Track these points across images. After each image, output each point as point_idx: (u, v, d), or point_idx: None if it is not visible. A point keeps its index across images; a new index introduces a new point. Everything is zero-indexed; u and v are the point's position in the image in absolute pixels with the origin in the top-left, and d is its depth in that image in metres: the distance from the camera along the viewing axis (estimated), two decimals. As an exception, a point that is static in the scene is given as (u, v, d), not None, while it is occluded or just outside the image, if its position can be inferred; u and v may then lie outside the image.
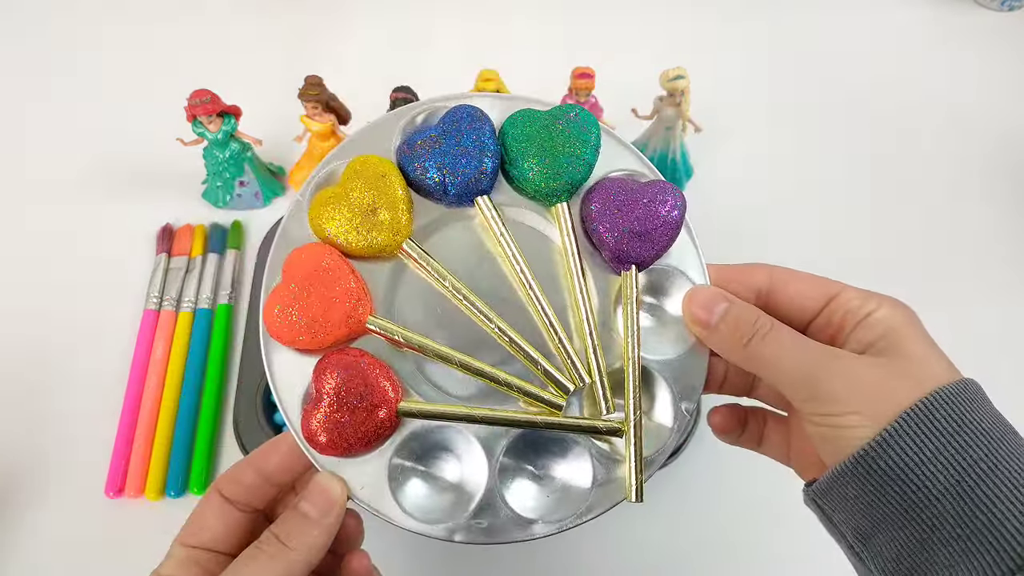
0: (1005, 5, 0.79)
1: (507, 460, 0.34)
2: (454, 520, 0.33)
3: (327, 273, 0.33)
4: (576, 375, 0.34)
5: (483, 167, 0.35)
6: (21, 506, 0.51)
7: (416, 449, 0.34)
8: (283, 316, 0.33)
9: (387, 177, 0.35)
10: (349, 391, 0.32)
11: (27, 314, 0.60)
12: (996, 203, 0.67)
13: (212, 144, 0.60)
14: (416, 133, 0.36)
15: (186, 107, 0.57)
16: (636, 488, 0.34)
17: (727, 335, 0.33)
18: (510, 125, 0.36)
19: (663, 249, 0.36)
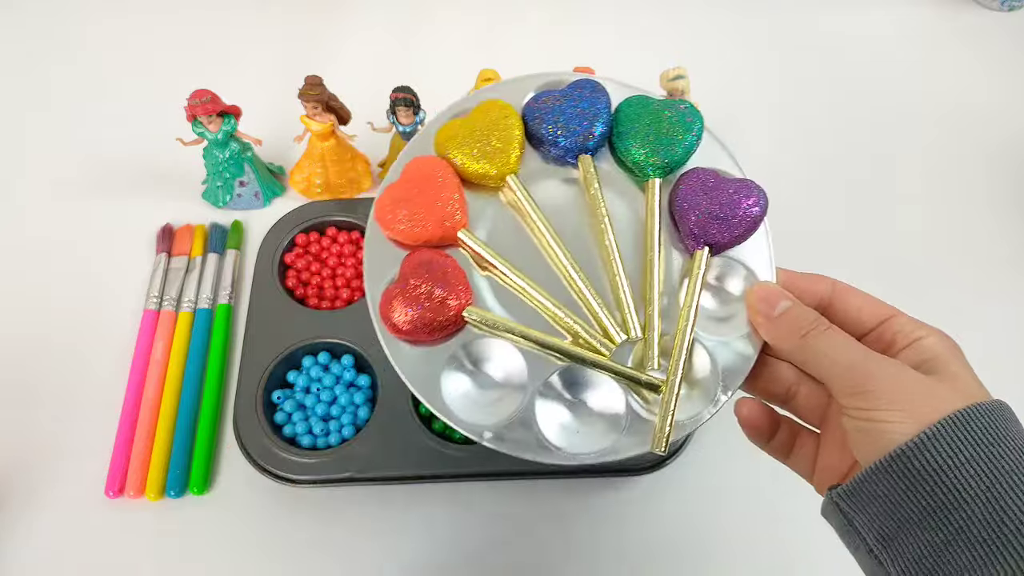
0: (1005, 5, 0.79)
1: (548, 389, 0.36)
2: (487, 422, 0.36)
3: (438, 181, 0.38)
4: (632, 329, 0.37)
5: (593, 130, 0.40)
6: (21, 506, 0.52)
7: (470, 354, 0.37)
8: (391, 205, 0.38)
9: (509, 119, 0.40)
10: (429, 278, 0.36)
11: (27, 314, 0.60)
12: (998, 203, 0.67)
13: (212, 144, 0.60)
14: (544, 92, 0.41)
15: (186, 107, 0.57)
16: (663, 439, 0.35)
17: (786, 327, 0.35)
18: (625, 104, 0.41)
19: (739, 239, 0.38)
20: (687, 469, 0.53)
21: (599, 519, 0.52)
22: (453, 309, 0.36)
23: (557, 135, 0.40)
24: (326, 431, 0.53)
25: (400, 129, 0.59)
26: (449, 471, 0.51)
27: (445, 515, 0.52)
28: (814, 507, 0.52)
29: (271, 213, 0.63)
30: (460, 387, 0.37)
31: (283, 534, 0.51)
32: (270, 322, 0.57)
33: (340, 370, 0.55)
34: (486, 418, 0.36)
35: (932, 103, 0.73)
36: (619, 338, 0.37)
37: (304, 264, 0.60)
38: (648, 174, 0.40)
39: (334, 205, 0.63)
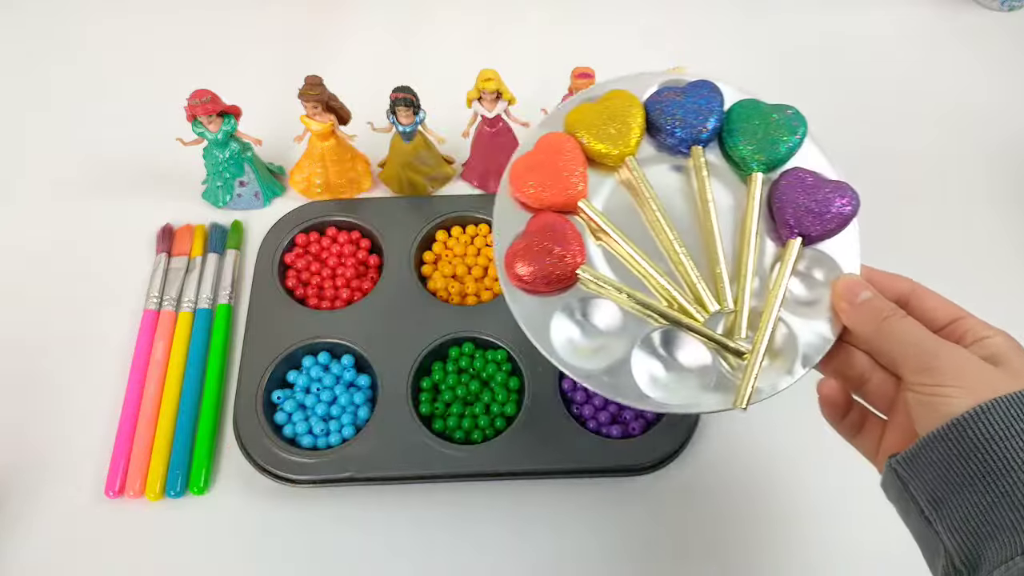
0: (1005, 5, 0.79)
1: (646, 345, 0.41)
2: (591, 369, 0.40)
3: (566, 154, 0.43)
4: (725, 301, 0.41)
5: (707, 124, 0.44)
6: (21, 505, 0.52)
7: (579, 307, 0.42)
8: (524, 172, 0.43)
9: (633, 108, 0.45)
10: (551, 237, 0.41)
11: (28, 314, 0.60)
12: (998, 203, 0.67)
13: (212, 144, 0.60)
14: (667, 87, 0.46)
15: (186, 107, 0.57)
16: (745, 397, 0.39)
17: (866, 313, 0.39)
18: (738, 106, 0.46)
19: (830, 233, 0.42)
20: (687, 469, 0.53)
21: (599, 519, 0.52)
22: (569, 266, 0.41)
23: (675, 126, 0.44)
24: (326, 431, 0.53)
25: (400, 129, 0.59)
26: (449, 471, 0.51)
27: (445, 515, 0.52)
28: (813, 507, 0.52)
29: (271, 213, 0.63)
30: (566, 334, 0.41)
31: (283, 534, 0.51)
32: (270, 322, 0.57)
33: (340, 370, 0.55)
34: (585, 363, 0.41)
35: (932, 103, 0.73)
36: (712, 308, 0.41)
37: (304, 264, 0.60)
38: (752, 168, 0.44)
39: (334, 205, 0.63)
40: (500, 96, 0.58)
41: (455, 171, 0.67)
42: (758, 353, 0.40)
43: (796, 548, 0.51)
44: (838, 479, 0.54)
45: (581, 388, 0.54)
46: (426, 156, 0.62)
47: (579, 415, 0.53)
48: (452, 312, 0.57)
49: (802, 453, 0.54)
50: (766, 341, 0.40)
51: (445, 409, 0.54)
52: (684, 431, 0.52)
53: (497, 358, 0.55)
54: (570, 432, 0.52)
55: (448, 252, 0.61)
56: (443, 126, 0.61)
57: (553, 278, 0.41)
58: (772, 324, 0.41)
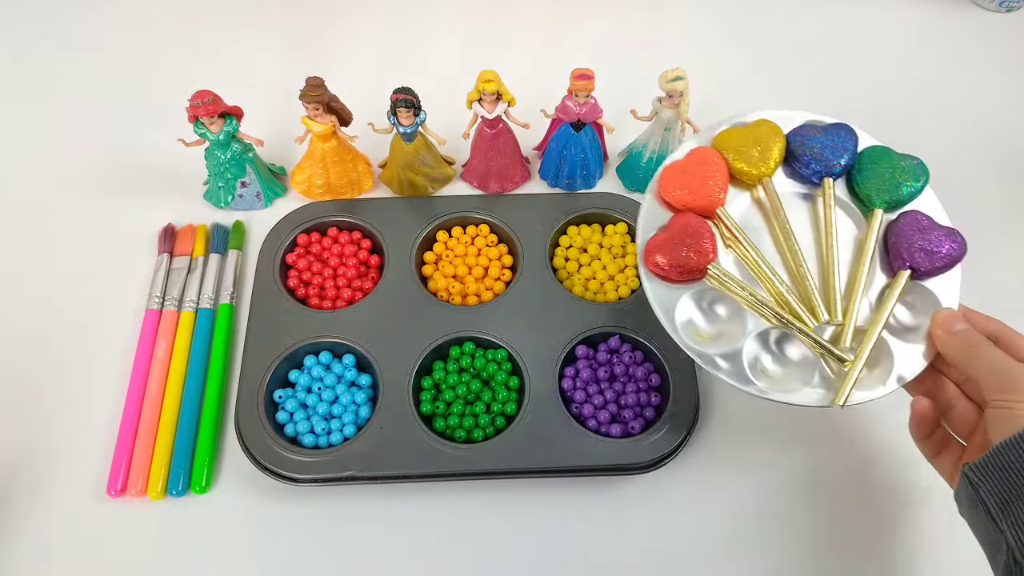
0: (1003, 6, 0.80)
1: (760, 339, 0.48)
2: (704, 351, 0.47)
3: (712, 167, 0.51)
4: (835, 314, 0.47)
5: (840, 160, 0.51)
6: (24, 505, 0.52)
7: (707, 298, 0.49)
8: (674, 176, 0.51)
9: (776, 136, 0.52)
10: (689, 234, 0.48)
11: (29, 313, 0.60)
12: (997, 203, 0.67)
13: (214, 145, 0.60)
14: (809, 124, 0.53)
15: (188, 108, 0.57)
16: (844, 397, 0.46)
17: (960, 341, 0.45)
18: (870, 150, 0.52)
19: (937, 271, 0.49)
20: (686, 469, 0.54)
21: (599, 518, 0.52)
22: (701, 262, 0.48)
23: (812, 158, 0.51)
24: (327, 430, 0.53)
25: (400, 130, 0.60)
26: (450, 470, 0.51)
27: (446, 514, 0.52)
28: (812, 507, 0.53)
29: (273, 214, 0.64)
30: (689, 317, 0.49)
31: (285, 532, 0.52)
32: (272, 322, 0.57)
33: (342, 369, 0.56)
34: (701, 345, 0.48)
35: (930, 103, 0.74)
36: (823, 317, 0.47)
37: (306, 264, 0.60)
38: (875, 205, 0.51)
39: (335, 206, 0.63)
40: (500, 97, 0.58)
41: (455, 172, 0.67)
42: (860, 361, 0.46)
43: (795, 547, 0.52)
44: (841, 477, 0.54)
45: (581, 388, 0.55)
46: (426, 157, 0.63)
47: (579, 414, 0.54)
48: (453, 312, 0.58)
49: (802, 452, 0.55)
50: (868, 352, 0.46)
51: (446, 408, 0.54)
52: (683, 430, 0.52)
53: (497, 357, 0.56)
54: (570, 431, 0.52)
55: (449, 252, 0.61)
56: (443, 127, 0.61)
57: (686, 269, 0.48)
58: (875, 339, 0.47)
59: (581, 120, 0.60)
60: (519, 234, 0.61)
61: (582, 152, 0.62)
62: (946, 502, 0.43)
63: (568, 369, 0.55)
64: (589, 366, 0.55)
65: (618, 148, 0.68)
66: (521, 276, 0.59)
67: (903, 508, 0.53)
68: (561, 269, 0.61)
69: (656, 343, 0.55)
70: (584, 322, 0.57)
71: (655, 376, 0.55)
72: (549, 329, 0.56)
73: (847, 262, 0.50)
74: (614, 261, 0.61)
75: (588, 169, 0.64)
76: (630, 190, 0.67)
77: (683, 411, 0.53)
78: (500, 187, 0.65)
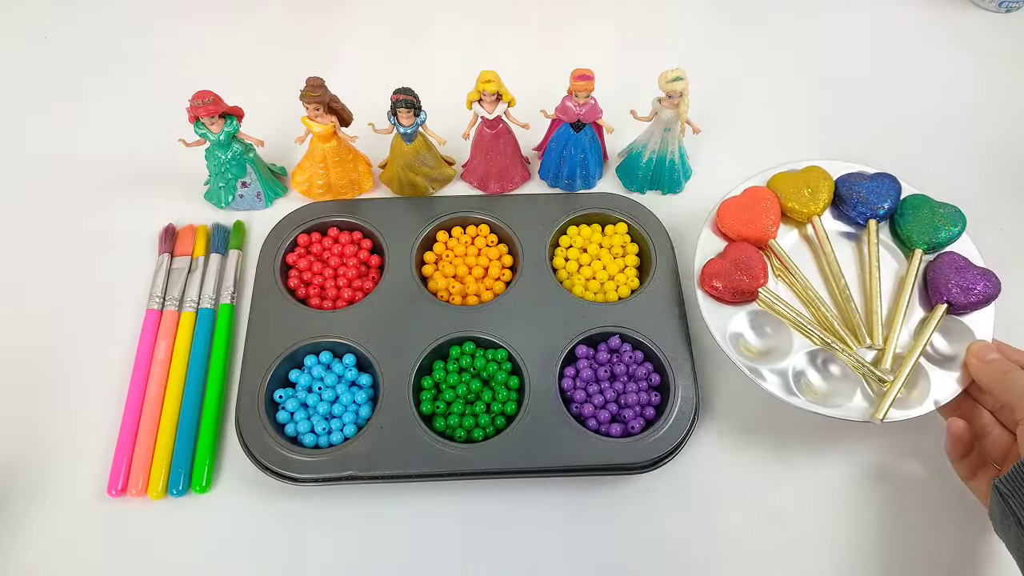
0: (1002, 6, 0.80)
1: (807, 357, 0.53)
2: (754, 365, 0.52)
3: (766, 203, 0.58)
4: (877, 338, 0.53)
5: (884, 204, 0.58)
6: (24, 505, 0.52)
7: (759, 321, 0.55)
8: (732, 210, 0.58)
9: (825, 181, 0.59)
10: (743, 259, 0.54)
11: (30, 314, 0.60)
12: (996, 204, 0.67)
13: (214, 145, 0.60)
14: (856, 171, 0.60)
15: (188, 108, 0.57)
16: (883, 413, 0.50)
17: (993, 368, 0.49)
18: (912, 197, 0.58)
19: (972, 307, 0.54)
20: (686, 469, 0.54)
21: (599, 518, 0.52)
22: (753, 286, 0.53)
23: (859, 201, 0.58)
24: (328, 430, 0.53)
25: (401, 130, 0.60)
26: (450, 470, 0.51)
27: (446, 514, 0.52)
28: (811, 506, 0.53)
29: (273, 214, 0.64)
30: (739, 333, 0.54)
31: (285, 532, 0.52)
32: (272, 322, 0.57)
33: (342, 369, 0.56)
34: (750, 360, 0.52)
35: (929, 104, 0.74)
36: (866, 342, 0.53)
37: (306, 264, 0.60)
38: (916, 246, 0.56)
39: (336, 206, 0.63)
40: (500, 98, 0.59)
41: (455, 172, 0.67)
42: (900, 380, 0.51)
43: (794, 547, 0.52)
44: (839, 478, 0.54)
45: (581, 387, 0.55)
46: (427, 157, 0.63)
47: (579, 414, 0.54)
48: (453, 312, 0.58)
49: (802, 451, 0.55)
50: (907, 374, 0.51)
51: (446, 408, 0.54)
52: (683, 429, 0.52)
53: (498, 357, 0.56)
54: (570, 431, 0.52)
55: (449, 252, 0.61)
56: (443, 127, 0.62)
57: (738, 291, 0.53)
58: (914, 362, 0.52)
59: (581, 120, 0.60)
60: (519, 234, 0.61)
61: (582, 152, 0.63)
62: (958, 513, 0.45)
63: (568, 369, 0.55)
64: (589, 366, 0.55)
65: (618, 148, 0.68)
66: (521, 276, 0.59)
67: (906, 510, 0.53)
68: (561, 269, 0.61)
69: (656, 343, 0.55)
70: (584, 322, 0.57)
71: (655, 376, 0.55)
72: (549, 329, 0.56)
73: (888, 295, 0.56)
74: (614, 261, 0.61)
75: (588, 169, 0.64)
76: (630, 190, 0.67)
77: (683, 411, 0.53)
78: (500, 187, 0.65)
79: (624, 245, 0.62)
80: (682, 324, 0.57)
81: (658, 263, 0.60)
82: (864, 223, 0.58)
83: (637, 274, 0.61)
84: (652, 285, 0.59)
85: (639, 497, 0.53)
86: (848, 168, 0.60)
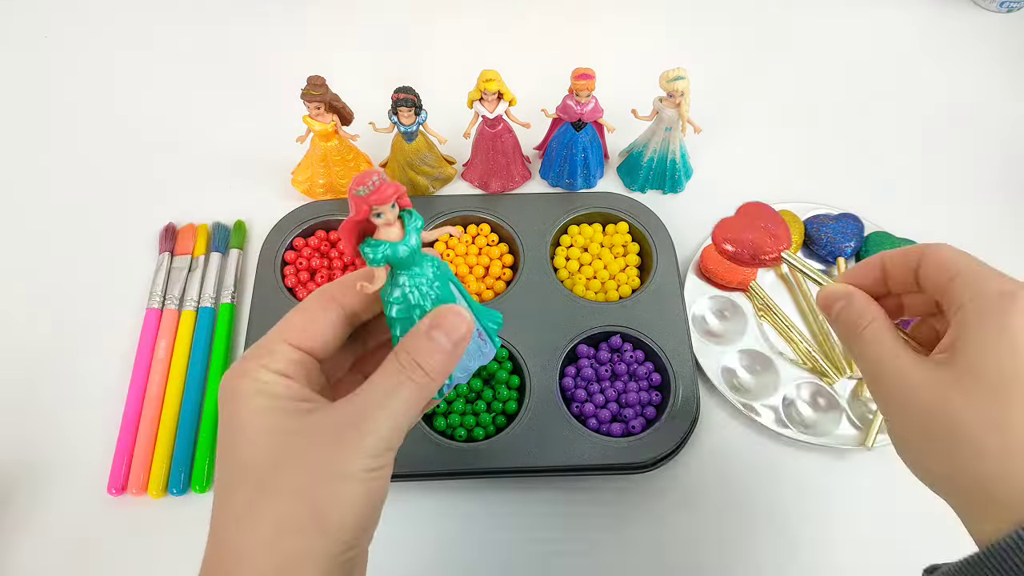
0: (1004, 7, 0.80)
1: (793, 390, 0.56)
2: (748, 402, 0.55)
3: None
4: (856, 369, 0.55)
5: (850, 244, 0.61)
6: (24, 504, 0.52)
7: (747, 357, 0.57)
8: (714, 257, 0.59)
9: (795, 224, 0.63)
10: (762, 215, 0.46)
11: (30, 313, 0.60)
12: (996, 204, 0.67)
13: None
14: (823, 214, 0.63)
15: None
16: (873, 439, 0.53)
17: (841, 330, 0.34)
18: (874, 234, 0.62)
19: None
20: (687, 468, 0.54)
21: (599, 518, 0.52)
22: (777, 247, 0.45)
23: (827, 240, 0.61)
24: (328, 429, 0.53)
25: (402, 129, 0.60)
26: (450, 469, 0.51)
27: (446, 513, 0.52)
28: (810, 506, 0.53)
29: (274, 213, 0.64)
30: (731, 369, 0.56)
31: (285, 531, 0.51)
32: (272, 321, 0.56)
33: (342, 369, 0.55)
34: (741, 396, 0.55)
35: (931, 104, 0.74)
36: (847, 373, 0.55)
37: (307, 263, 0.60)
38: None
39: (336, 205, 0.63)
40: (501, 97, 0.59)
41: (456, 171, 0.67)
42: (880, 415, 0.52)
43: (794, 547, 0.52)
44: (838, 478, 0.54)
45: (582, 386, 0.55)
46: (428, 156, 0.63)
47: (580, 413, 0.54)
48: (453, 311, 0.58)
49: (803, 453, 0.55)
50: None
51: (447, 407, 0.54)
52: (685, 429, 0.52)
53: (498, 356, 0.56)
54: (571, 430, 0.52)
55: (450, 252, 0.61)
56: (444, 126, 0.62)
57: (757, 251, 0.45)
58: None
59: (582, 120, 0.60)
60: (520, 233, 0.61)
61: (583, 152, 0.62)
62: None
63: (569, 368, 0.55)
64: (590, 365, 0.55)
65: (619, 148, 0.68)
66: (522, 275, 0.59)
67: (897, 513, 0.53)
68: (562, 268, 0.61)
69: (657, 342, 0.55)
70: (585, 321, 0.57)
71: (656, 375, 0.55)
72: (550, 328, 0.56)
73: None
74: (615, 260, 0.61)
75: (589, 169, 0.64)
76: (631, 190, 0.67)
77: (684, 410, 0.53)
78: (501, 187, 0.65)
79: (625, 244, 0.62)
80: (683, 324, 0.57)
81: (659, 262, 0.59)
82: (833, 261, 0.61)
83: (638, 273, 0.61)
84: (653, 284, 0.59)
85: (640, 497, 0.53)
86: (816, 210, 0.64)
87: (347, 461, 0.28)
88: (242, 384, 0.29)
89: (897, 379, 0.30)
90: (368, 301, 0.32)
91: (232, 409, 0.29)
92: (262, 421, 0.28)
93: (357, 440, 0.28)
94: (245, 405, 0.29)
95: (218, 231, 0.63)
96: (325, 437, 0.28)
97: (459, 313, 0.31)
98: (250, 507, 0.27)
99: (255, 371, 0.30)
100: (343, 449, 0.28)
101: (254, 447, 0.28)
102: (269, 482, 0.28)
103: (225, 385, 0.30)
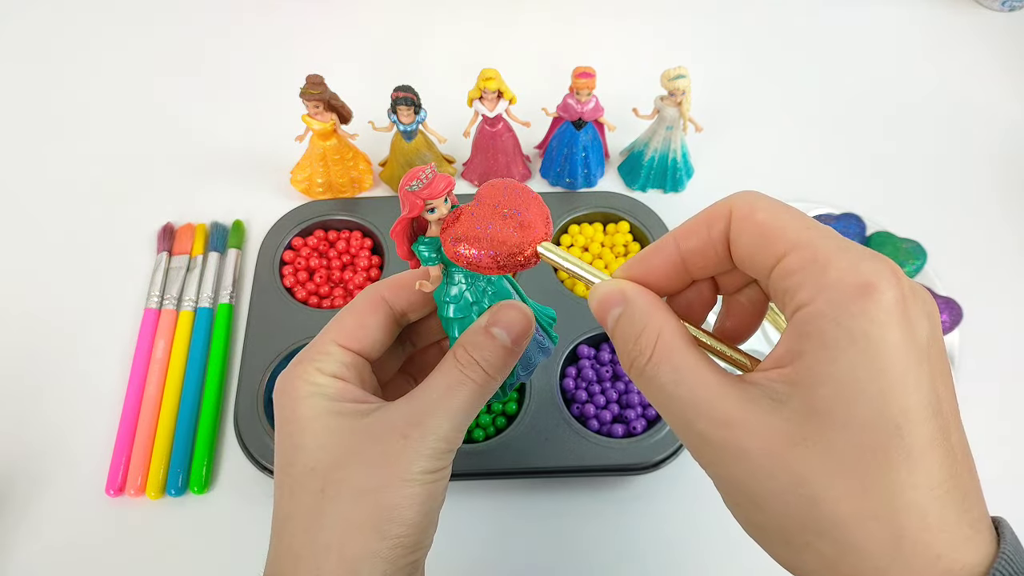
0: (1006, 5, 0.79)
1: None
2: None
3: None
4: None
5: None
6: (22, 505, 0.51)
7: None
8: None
9: None
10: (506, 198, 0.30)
11: (28, 313, 0.60)
12: (997, 204, 0.67)
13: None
14: (824, 214, 0.61)
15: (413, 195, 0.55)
16: None
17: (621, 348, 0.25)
18: (876, 235, 0.61)
19: None
20: (686, 469, 0.53)
21: (599, 518, 0.52)
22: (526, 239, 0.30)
23: None
24: (327, 430, 0.53)
25: (401, 128, 0.59)
26: (450, 470, 0.51)
27: (445, 514, 0.52)
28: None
29: (273, 212, 0.63)
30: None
31: (284, 533, 0.51)
32: (271, 321, 0.56)
33: (341, 369, 0.55)
34: None
35: (931, 103, 0.73)
36: None
37: (305, 263, 0.60)
38: None
39: (335, 204, 0.63)
40: (501, 95, 0.58)
41: (456, 171, 0.67)
42: None
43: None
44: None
45: (583, 387, 0.54)
46: (427, 155, 0.62)
47: (581, 414, 0.53)
48: (453, 311, 0.57)
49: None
50: None
51: (446, 408, 0.54)
52: (686, 430, 0.52)
53: (498, 357, 0.55)
54: (572, 431, 0.52)
55: (449, 251, 0.61)
56: (444, 125, 0.61)
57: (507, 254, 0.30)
58: None
59: (582, 118, 0.60)
60: (520, 233, 0.61)
61: (583, 151, 0.62)
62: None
63: (570, 369, 0.55)
64: (591, 366, 0.55)
65: (620, 147, 0.67)
66: (522, 275, 0.59)
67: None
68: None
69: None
70: (586, 321, 0.56)
71: (657, 376, 0.55)
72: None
73: None
74: (616, 260, 0.60)
75: (589, 168, 0.64)
76: (632, 189, 0.66)
77: (685, 411, 0.52)
78: (501, 186, 0.65)
79: (626, 244, 0.61)
80: (684, 323, 0.56)
81: (660, 262, 0.59)
82: None
83: (639, 273, 0.60)
84: (654, 284, 0.58)
85: (641, 498, 0.52)
86: (818, 210, 0.63)
87: (409, 463, 0.27)
88: (298, 387, 0.29)
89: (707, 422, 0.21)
90: (420, 302, 0.32)
91: (290, 412, 0.29)
92: (323, 422, 0.28)
93: (419, 440, 0.27)
94: (304, 406, 0.28)
95: (216, 231, 0.63)
96: (386, 436, 0.28)
97: (519, 308, 0.30)
98: (315, 510, 0.27)
99: (309, 374, 0.29)
100: (405, 449, 0.27)
101: (317, 447, 0.28)
102: (332, 483, 0.27)
103: (281, 388, 0.29)
